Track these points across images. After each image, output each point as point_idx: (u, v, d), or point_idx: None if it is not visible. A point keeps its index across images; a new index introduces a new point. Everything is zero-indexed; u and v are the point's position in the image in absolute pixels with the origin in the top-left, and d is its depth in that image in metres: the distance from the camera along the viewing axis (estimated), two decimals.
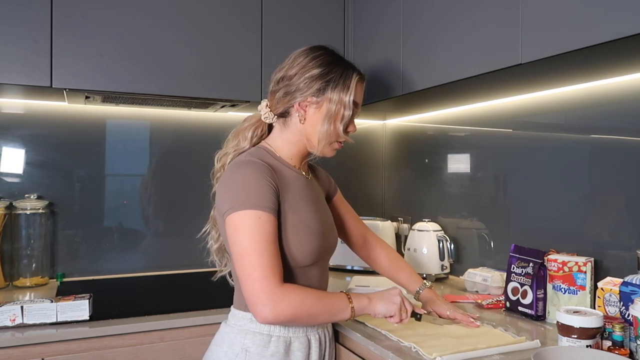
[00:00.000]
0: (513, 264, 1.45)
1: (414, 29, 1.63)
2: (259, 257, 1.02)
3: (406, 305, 1.15)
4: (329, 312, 1.08)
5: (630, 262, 1.33)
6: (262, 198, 1.05)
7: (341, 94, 1.16)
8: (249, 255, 1.02)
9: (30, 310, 1.31)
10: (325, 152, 1.22)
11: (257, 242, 1.02)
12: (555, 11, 1.13)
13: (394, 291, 1.16)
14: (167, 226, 2.07)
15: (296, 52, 1.20)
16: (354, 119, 1.23)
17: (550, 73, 1.34)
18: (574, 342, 1.03)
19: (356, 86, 1.19)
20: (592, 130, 1.47)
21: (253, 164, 1.10)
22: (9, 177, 1.85)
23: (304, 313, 1.04)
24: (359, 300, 1.11)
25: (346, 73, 1.18)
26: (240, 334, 1.12)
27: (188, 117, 2.10)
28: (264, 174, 1.09)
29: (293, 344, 1.13)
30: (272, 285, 1.01)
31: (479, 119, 1.88)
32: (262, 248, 1.02)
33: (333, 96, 1.16)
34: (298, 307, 1.03)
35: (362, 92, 1.23)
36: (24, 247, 1.79)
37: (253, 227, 1.03)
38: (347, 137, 1.22)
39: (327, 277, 1.26)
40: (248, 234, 1.03)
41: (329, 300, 1.08)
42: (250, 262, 1.02)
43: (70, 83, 1.59)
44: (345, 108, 1.17)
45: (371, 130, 2.50)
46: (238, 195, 1.06)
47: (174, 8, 1.72)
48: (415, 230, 1.98)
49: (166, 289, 1.80)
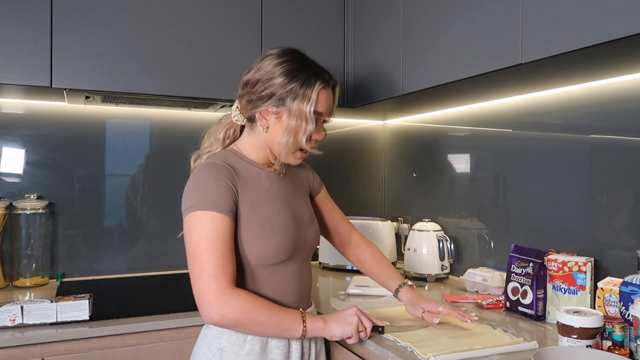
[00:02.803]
0: (513, 264, 1.45)
1: (414, 29, 1.63)
2: (209, 257, 1.03)
3: (364, 323, 1.13)
4: (278, 326, 1.06)
5: (630, 262, 1.33)
6: (217, 199, 1.06)
7: (301, 105, 1.11)
8: (200, 255, 1.03)
9: (30, 310, 1.31)
10: (289, 161, 1.19)
11: (208, 242, 1.03)
12: (555, 11, 1.13)
13: (350, 311, 1.14)
14: (167, 226, 2.06)
15: (265, 53, 1.17)
16: (322, 127, 1.19)
17: (550, 73, 1.34)
18: (574, 342, 1.03)
19: (319, 95, 1.13)
20: (592, 130, 1.47)
21: (214, 167, 1.11)
22: (9, 177, 1.85)
23: (250, 321, 1.04)
24: (313, 322, 1.10)
25: (308, 82, 1.12)
26: (217, 334, 1.12)
27: (188, 117, 2.10)
28: (223, 176, 1.09)
29: (270, 342, 1.13)
30: (220, 285, 1.02)
31: (479, 119, 1.88)
32: (212, 248, 1.03)
33: (293, 107, 1.11)
34: (245, 313, 1.02)
35: (328, 99, 1.17)
36: (24, 247, 1.79)
37: (204, 227, 1.04)
38: (312, 147, 1.17)
39: (308, 273, 1.25)
40: (200, 234, 1.04)
41: (280, 314, 1.07)
42: (200, 262, 1.03)
43: (70, 83, 1.59)
44: (305, 120, 1.12)
45: (371, 130, 2.50)
46: (195, 196, 1.08)
47: (174, 8, 1.72)
48: (415, 230, 1.98)
49: (166, 289, 1.80)
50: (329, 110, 1.18)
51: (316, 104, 1.13)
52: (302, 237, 1.21)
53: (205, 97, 1.78)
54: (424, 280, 1.90)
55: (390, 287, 1.38)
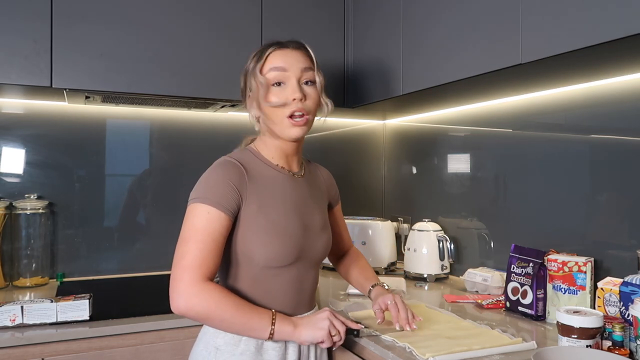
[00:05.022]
0: (513, 264, 1.45)
1: (414, 30, 1.63)
2: (192, 247, 1.03)
3: (337, 326, 1.08)
4: (244, 325, 1.04)
5: (630, 262, 1.33)
6: (219, 197, 1.06)
7: (254, 72, 1.13)
8: (185, 244, 1.04)
9: (30, 310, 1.31)
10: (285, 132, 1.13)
11: (197, 233, 1.04)
12: (556, 11, 1.13)
13: (321, 315, 1.09)
14: (167, 226, 2.06)
15: None
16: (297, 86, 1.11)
17: (550, 73, 1.34)
18: (574, 342, 1.03)
19: (269, 57, 1.13)
20: (592, 130, 1.47)
21: (225, 165, 1.11)
22: (9, 177, 1.85)
23: (216, 316, 1.02)
24: (283, 324, 1.06)
25: (260, 52, 1.15)
26: (214, 333, 1.12)
27: (188, 117, 2.10)
28: (232, 175, 1.09)
29: (265, 342, 1.11)
30: (194, 277, 1.02)
31: (479, 119, 1.88)
32: (199, 240, 1.03)
33: (251, 79, 1.15)
34: (211, 307, 1.01)
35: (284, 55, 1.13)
36: (24, 247, 1.79)
37: (198, 218, 1.05)
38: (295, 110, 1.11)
39: (313, 280, 1.22)
40: (192, 224, 1.05)
41: (248, 313, 1.05)
42: (183, 250, 1.04)
43: (70, 83, 1.59)
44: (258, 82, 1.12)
45: (371, 130, 2.50)
46: (200, 189, 1.09)
47: (174, 8, 1.72)
48: (415, 230, 1.98)
49: (166, 289, 1.78)
50: (292, 66, 1.12)
51: (265, 64, 1.13)
52: (309, 244, 1.18)
53: (205, 97, 1.78)
54: (424, 280, 1.90)
55: (365, 289, 1.35)
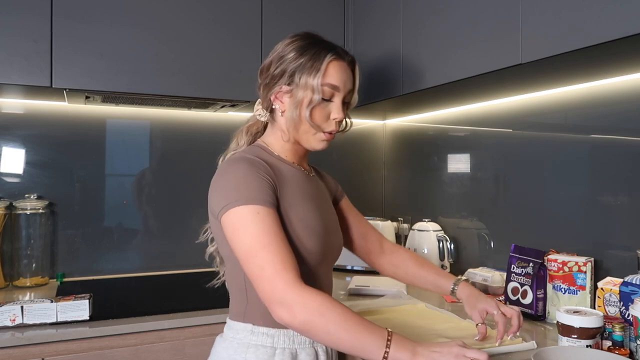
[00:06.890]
0: (513, 264, 1.45)
1: (414, 30, 1.63)
2: (265, 255, 0.91)
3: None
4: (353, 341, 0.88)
5: (630, 262, 1.33)
6: (258, 192, 0.96)
7: (309, 78, 1.05)
8: (254, 256, 0.92)
9: (30, 310, 1.31)
10: (312, 144, 1.10)
11: (260, 239, 0.92)
12: (556, 11, 1.12)
13: (452, 349, 0.88)
14: (167, 226, 2.07)
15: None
16: (342, 107, 1.09)
17: (550, 73, 1.34)
18: (574, 342, 1.03)
19: (329, 66, 1.06)
20: (592, 130, 1.47)
21: (246, 160, 1.02)
22: (9, 177, 1.85)
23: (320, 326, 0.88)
24: (399, 349, 0.87)
25: (318, 54, 1.06)
26: (240, 348, 1.02)
27: (188, 117, 2.10)
28: (258, 168, 1.01)
29: (299, 356, 1.03)
30: (285, 282, 0.89)
31: (479, 119, 1.88)
32: (266, 244, 0.92)
33: (301, 81, 1.05)
34: (314, 314, 0.87)
35: (342, 72, 1.08)
36: (24, 247, 1.79)
37: (252, 224, 0.93)
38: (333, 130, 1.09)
39: (330, 283, 1.15)
40: (249, 232, 0.93)
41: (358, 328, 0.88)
42: (257, 263, 0.91)
43: (70, 83, 1.59)
44: (312, 91, 1.05)
45: (371, 130, 2.50)
46: (231, 192, 0.97)
47: (174, 8, 1.72)
48: (415, 230, 1.98)
49: (166, 289, 1.80)
50: (344, 85, 1.09)
51: (325, 75, 1.06)
52: (331, 243, 1.11)
53: (205, 97, 1.78)
54: None
55: (445, 288, 1.24)
